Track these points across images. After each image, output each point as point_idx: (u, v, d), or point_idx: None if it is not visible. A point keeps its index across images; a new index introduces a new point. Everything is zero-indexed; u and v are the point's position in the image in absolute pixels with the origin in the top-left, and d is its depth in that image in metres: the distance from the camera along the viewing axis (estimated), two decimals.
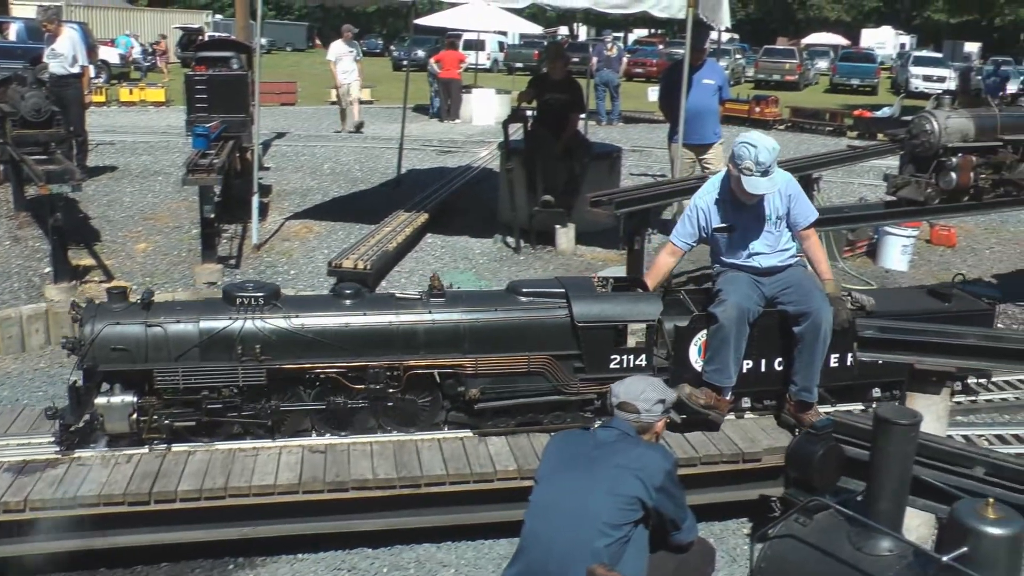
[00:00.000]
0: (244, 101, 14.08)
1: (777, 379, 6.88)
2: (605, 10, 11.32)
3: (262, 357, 6.07)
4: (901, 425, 2.94)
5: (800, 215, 6.74)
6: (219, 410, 6.12)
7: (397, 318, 6.30)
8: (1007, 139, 9.24)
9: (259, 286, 6.36)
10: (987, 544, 2.54)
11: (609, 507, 4.06)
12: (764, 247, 6.67)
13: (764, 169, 6.28)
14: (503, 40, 53.76)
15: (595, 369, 6.45)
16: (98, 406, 5.96)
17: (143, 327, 6.01)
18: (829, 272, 7.00)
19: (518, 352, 6.40)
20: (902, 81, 49.73)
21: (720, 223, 6.72)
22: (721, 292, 6.57)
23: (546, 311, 6.49)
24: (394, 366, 6.26)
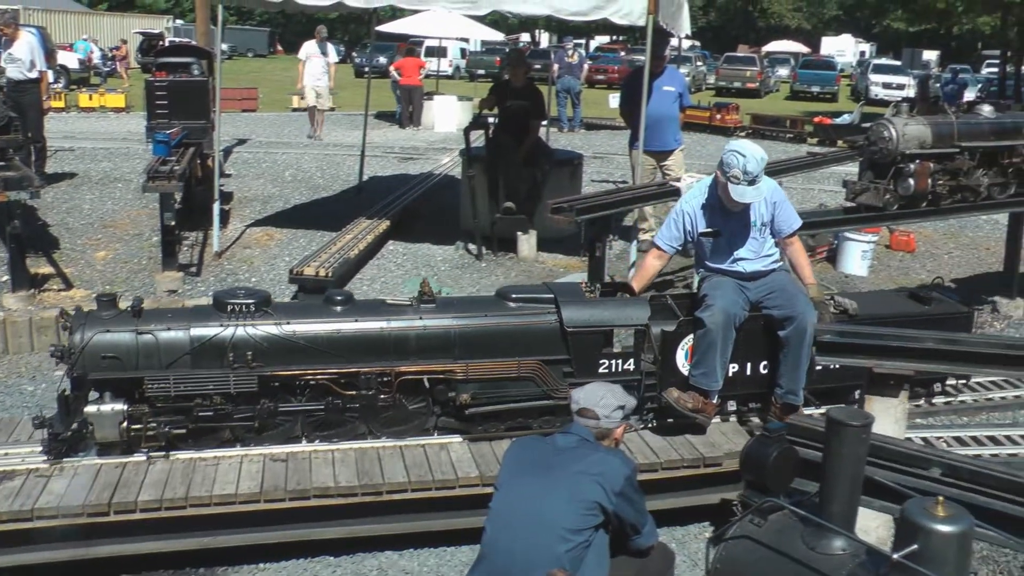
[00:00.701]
0: (205, 107, 14.01)
1: (763, 382, 6.98)
2: (566, 17, 11.34)
3: (254, 364, 6.07)
4: (853, 427, 2.99)
5: (785, 222, 6.89)
6: (211, 417, 6.11)
7: (388, 324, 6.34)
8: (964, 146, 9.35)
9: (250, 292, 6.37)
10: (937, 541, 2.59)
11: (569, 512, 4.09)
12: (749, 252, 6.78)
13: (752, 178, 6.39)
14: (465, 47, 53.84)
15: (584, 374, 6.47)
16: (88, 414, 5.91)
17: (134, 335, 6.00)
18: (812, 277, 7.14)
19: (508, 357, 6.45)
20: (862, 88, 50.23)
21: (706, 228, 6.82)
22: (707, 297, 6.65)
23: (535, 316, 6.56)
24: (385, 372, 6.29)
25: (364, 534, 5.94)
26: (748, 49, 64.76)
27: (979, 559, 6.13)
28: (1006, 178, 9.81)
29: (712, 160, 20.95)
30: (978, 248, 14.60)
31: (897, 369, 4.94)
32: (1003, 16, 35.66)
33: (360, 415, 6.36)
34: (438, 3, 11.31)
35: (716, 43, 78.40)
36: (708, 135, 27.86)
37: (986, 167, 9.65)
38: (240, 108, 29.63)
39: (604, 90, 39.37)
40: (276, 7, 12.85)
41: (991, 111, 9.98)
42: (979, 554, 6.17)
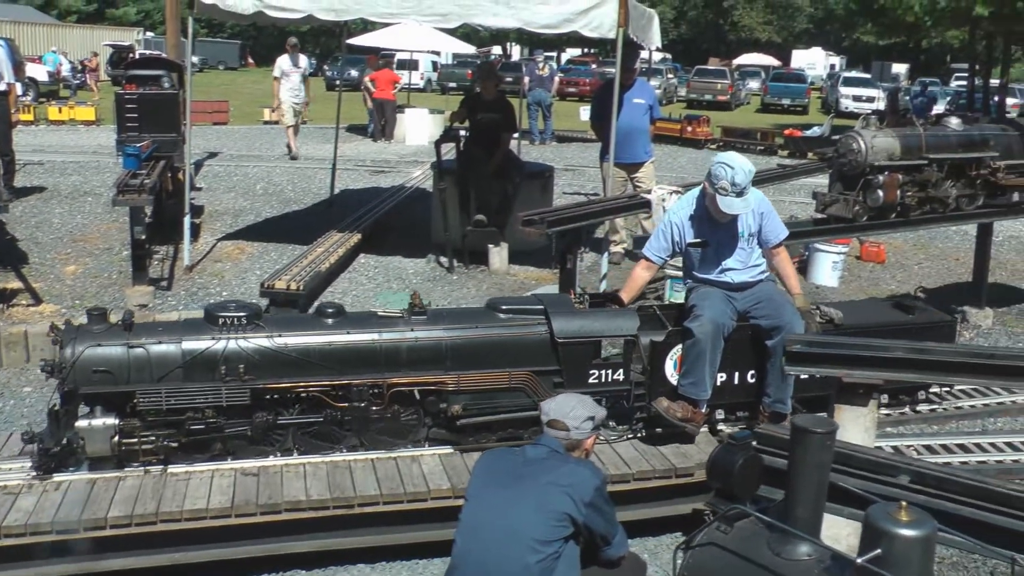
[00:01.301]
0: (175, 120, 13.95)
1: (750, 391, 7.05)
2: (536, 30, 11.39)
3: (246, 377, 6.06)
4: (817, 434, 3.02)
5: (772, 232, 6.97)
6: (203, 430, 6.09)
7: (380, 336, 6.35)
8: (932, 158, 9.42)
9: (241, 305, 6.35)
10: (900, 546, 2.62)
11: (539, 524, 4.09)
12: (737, 263, 6.86)
13: (740, 190, 6.48)
14: (437, 60, 53.90)
15: (574, 384, 6.51)
16: (79, 429, 5.88)
17: (125, 348, 5.97)
18: (799, 287, 7.23)
19: (499, 368, 6.47)
20: (832, 101, 50.62)
21: (694, 239, 6.89)
22: (696, 307, 6.70)
23: (526, 328, 6.59)
24: (377, 384, 6.29)
25: (336, 547, 5.92)
26: (719, 62, 65.13)
27: (949, 565, 6.18)
28: (974, 189, 9.89)
29: (682, 172, 21.11)
30: (947, 259, 14.73)
31: (866, 378, 4.97)
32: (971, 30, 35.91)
33: (352, 427, 6.36)
34: (409, 16, 11.33)
35: (687, 56, 78.79)
36: (679, 147, 28.00)
37: (954, 179, 9.72)
38: (211, 121, 29.57)
39: (575, 103, 39.58)
40: (247, 20, 12.82)
41: (959, 123, 10.07)
42: (949, 560, 6.22)
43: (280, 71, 21.63)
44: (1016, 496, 3.56)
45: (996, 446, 7.76)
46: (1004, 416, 8.67)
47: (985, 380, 6.62)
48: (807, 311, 7.01)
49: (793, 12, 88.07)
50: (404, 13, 11.22)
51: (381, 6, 11.03)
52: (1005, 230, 16.18)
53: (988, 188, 9.97)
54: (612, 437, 6.77)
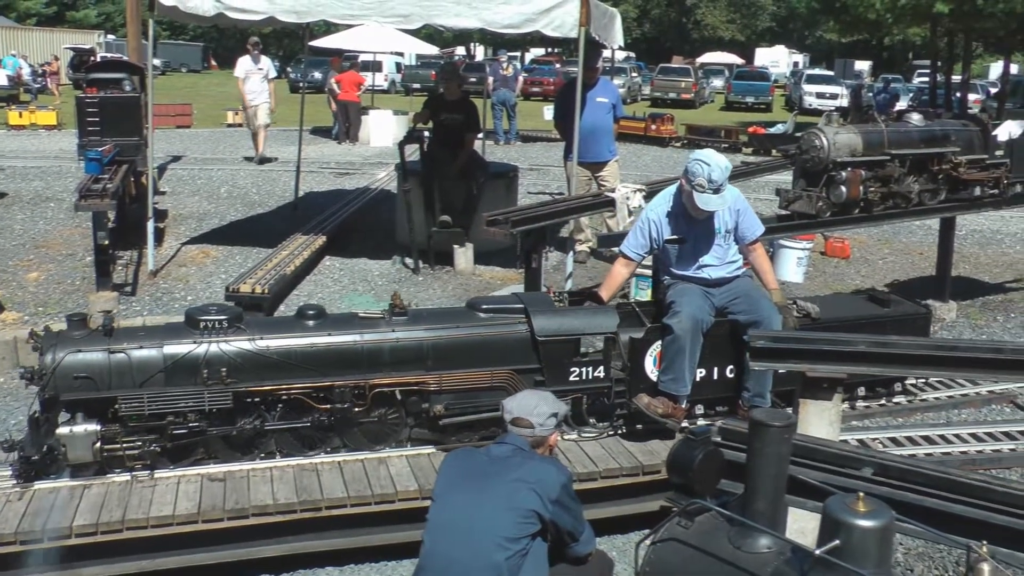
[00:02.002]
0: (137, 124, 13.85)
1: (729, 386, 7.13)
2: (498, 30, 11.39)
3: (228, 380, 6.06)
4: (775, 427, 3.04)
5: (748, 228, 7.06)
6: (185, 435, 6.07)
7: (361, 337, 6.37)
8: (894, 153, 9.49)
9: (222, 309, 6.38)
10: (858, 536, 2.64)
11: (506, 521, 4.10)
12: (714, 259, 6.94)
13: (716, 187, 6.55)
14: (400, 61, 53.82)
15: (555, 382, 6.59)
16: (60, 436, 5.85)
17: (106, 354, 5.96)
18: (775, 282, 7.32)
19: (480, 368, 6.52)
20: (796, 98, 50.91)
21: (671, 235, 6.96)
22: (674, 304, 6.76)
23: (507, 327, 6.65)
24: (360, 385, 6.30)
25: (304, 551, 5.92)
26: (683, 60, 65.38)
27: (916, 556, 6.23)
28: (936, 184, 9.98)
29: (647, 170, 21.16)
30: (911, 253, 14.82)
31: (830, 372, 5.00)
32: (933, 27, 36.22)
33: (334, 428, 6.37)
34: (371, 17, 11.30)
35: (651, 54, 78.97)
36: (643, 146, 28.07)
37: (917, 174, 9.81)
38: (174, 124, 29.41)
39: (539, 102, 39.61)
40: (208, 22, 12.76)
41: (920, 119, 10.15)
42: (915, 551, 6.27)
43: (243, 72, 21.30)
44: (979, 486, 3.59)
45: (960, 437, 7.82)
46: (968, 408, 8.74)
47: (948, 372, 6.70)
48: (784, 306, 7.09)
49: (756, 10, 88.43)
50: (365, 14, 11.20)
51: (342, 8, 11.00)
52: (968, 224, 16.31)
53: (950, 183, 10.06)
54: (593, 434, 6.81)
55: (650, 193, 10.40)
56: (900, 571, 6.07)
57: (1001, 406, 8.83)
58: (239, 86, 21.59)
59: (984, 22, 31.62)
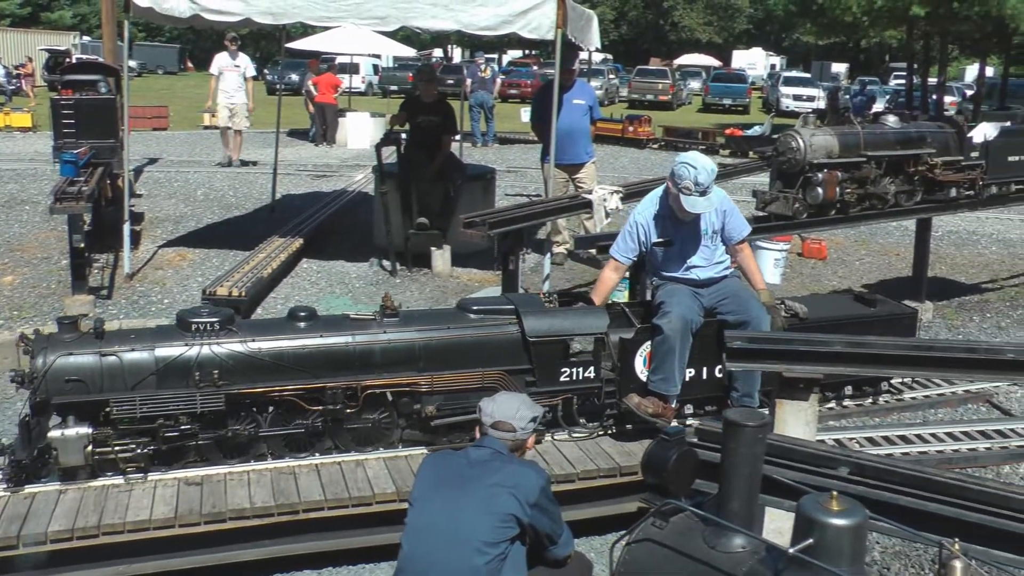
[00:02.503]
0: (113, 126, 13.78)
1: (718, 386, 7.18)
2: (475, 32, 11.40)
3: (220, 382, 6.04)
4: (750, 427, 3.06)
5: (735, 229, 7.13)
6: (177, 437, 6.05)
7: (353, 338, 6.36)
8: (870, 155, 9.54)
9: (213, 311, 6.36)
10: (831, 534, 2.66)
11: (485, 525, 4.09)
12: (702, 260, 7.00)
13: (703, 189, 6.62)
14: (378, 63, 53.76)
15: (546, 382, 6.65)
16: (52, 439, 5.81)
17: (97, 357, 5.94)
18: (763, 282, 7.38)
19: (472, 368, 6.53)
20: (773, 100, 51.07)
21: (659, 238, 7.02)
22: (664, 304, 6.80)
23: (497, 327, 6.67)
24: (351, 386, 6.30)
25: (281, 554, 5.88)
26: (660, 62, 65.58)
27: (892, 554, 6.25)
28: (912, 186, 10.03)
29: (624, 172, 21.20)
30: (888, 254, 14.90)
31: (806, 373, 5.02)
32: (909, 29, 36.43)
33: (326, 430, 6.37)
34: (347, 19, 11.30)
35: (628, 56, 79.10)
36: (621, 147, 28.14)
37: (893, 175, 9.86)
38: (151, 126, 29.32)
39: (517, 104, 39.60)
40: (184, 23, 12.71)
41: (896, 121, 10.21)
42: (892, 549, 6.29)
43: (218, 68, 20.65)
44: (954, 484, 3.61)
45: (937, 436, 7.85)
46: (945, 407, 8.78)
47: (924, 372, 6.74)
48: (772, 306, 7.15)
49: (733, 13, 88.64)
50: (342, 16, 11.19)
51: (319, 10, 10.99)
52: (944, 225, 16.41)
53: (926, 184, 10.12)
54: (584, 434, 6.83)
55: (627, 195, 10.43)
56: (877, 570, 6.09)
57: (977, 405, 8.88)
58: (211, 83, 20.94)
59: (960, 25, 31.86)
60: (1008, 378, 7.42)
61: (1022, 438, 7.87)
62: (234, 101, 20.61)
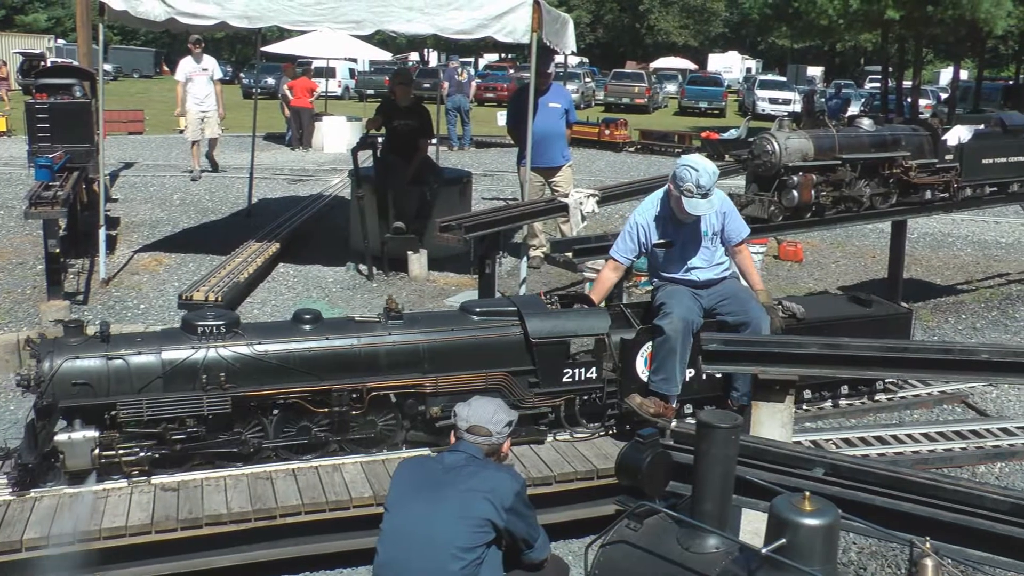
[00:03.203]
0: (88, 130, 13.72)
1: (718, 386, 7.25)
2: (451, 36, 11.40)
3: (227, 385, 6.05)
4: (722, 428, 3.08)
5: (734, 231, 7.19)
6: (184, 440, 6.06)
7: (359, 341, 6.39)
8: (845, 158, 9.58)
9: (219, 314, 6.37)
10: (804, 534, 2.69)
11: (461, 531, 4.10)
12: (702, 262, 7.05)
13: (705, 191, 6.64)
14: (354, 67, 53.68)
15: (549, 383, 6.70)
16: (59, 443, 5.79)
17: (104, 360, 5.94)
18: (761, 283, 7.45)
19: (475, 370, 6.56)
20: (749, 104, 51.20)
21: (659, 239, 7.07)
22: (664, 305, 6.86)
23: (501, 329, 6.71)
24: (357, 388, 6.32)
25: (259, 559, 5.86)
26: (636, 65, 65.62)
27: (869, 554, 6.28)
28: (887, 188, 10.08)
29: (601, 175, 21.23)
30: (864, 256, 14.97)
31: (782, 375, 5.04)
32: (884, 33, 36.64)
33: (331, 432, 6.38)
34: (323, 23, 11.28)
35: (604, 60, 79.27)
36: (597, 151, 28.17)
37: (868, 178, 9.90)
38: (126, 131, 29.18)
39: (493, 108, 39.58)
40: (160, 27, 12.66)
41: (871, 124, 10.26)
42: (869, 549, 6.32)
43: (184, 74, 19.38)
44: (928, 484, 3.63)
45: (913, 437, 7.90)
46: (920, 408, 8.82)
47: (899, 373, 6.77)
48: (770, 306, 7.25)
49: (709, 16, 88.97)
50: (318, 20, 11.19)
51: (294, 13, 10.97)
52: (919, 227, 16.50)
53: (901, 186, 10.16)
54: (586, 434, 6.88)
55: (604, 198, 10.45)
56: (854, 570, 6.12)
57: (953, 406, 8.93)
58: (178, 90, 19.72)
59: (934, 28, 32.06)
60: (983, 379, 7.47)
61: (997, 438, 7.93)
62: (205, 108, 19.54)
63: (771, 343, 5.30)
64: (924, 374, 6.66)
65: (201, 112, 19.48)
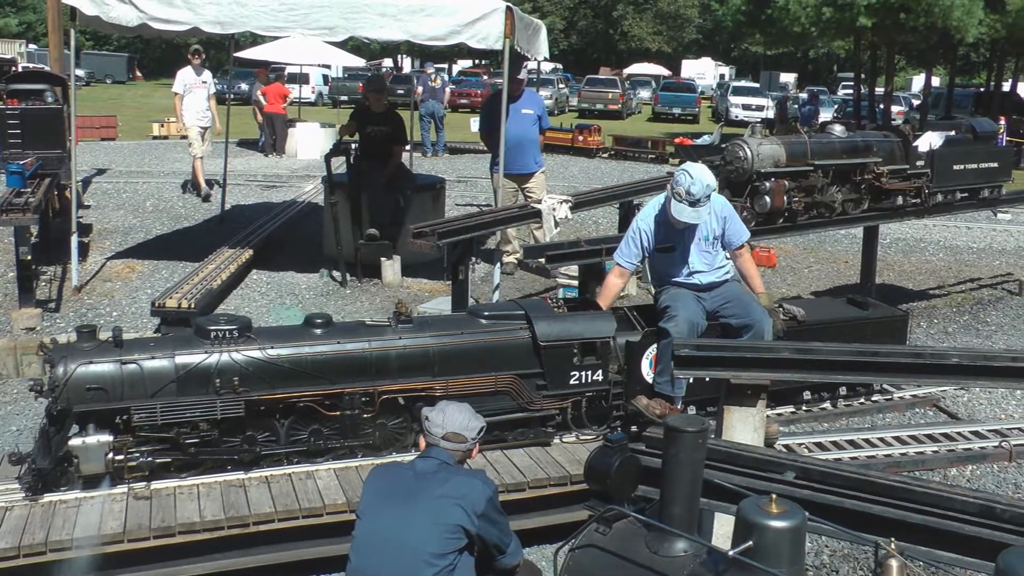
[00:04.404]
0: (60, 136, 13.63)
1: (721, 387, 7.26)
2: (424, 42, 11.40)
3: (240, 389, 6.10)
4: (689, 433, 3.10)
5: (734, 235, 7.25)
6: (197, 444, 6.10)
7: (369, 344, 6.47)
8: (817, 164, 9.64)
9: (231, 319, 6.43)
10: (771, 537, 2.71)
11: (433, 537, 4.10)
12: (703, 265, 7.13)
13: (694, 200, 6.70)
14: (327, 73, 53.58)
15: (557, 386, 6.79)
16: (73, 447, 5.84)
17: (118, 365, 5.99)
18: (762, 286, 7.54)
19: (485, 373, 6.66)
20: (722, 110, 51.37)
21: (660, 242, 7.14)
22: (669, 308, 6.92)
23: (510, 332, 6.81)
24: (368, 392, 6.40)
25: (233, 567, 5.85)
26: (610, 72, 65.78)
27: (841, 557, 6.31)
28: (859, 194, 10.14)
29: (574, 181, 21.27)
30: (836, 262, 15.04)
31: (753, 379, 5.06)
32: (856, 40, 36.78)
33: (342, 435, 6.44)
34: (295, 29, 11.26)
35: (578, 66, 79.46)
36: (571, 157, 28.20)
37: (840, 184, 9.96)
38: (99, 136, 29.03)
39: (467, 114, 39.58)
40: (132, 32, 12.59)
41: (843, 130, 10.33)
42: (841, 552, 6.35)
43: (183, 86, 17.93)
44: (898, 487, 3.66)
45: (885, 441, 7.94)
46: (893, 412, 8.88)
47: (871, 377, 6.82)
48: (771, 308, 7.36)
49: (682, 23, 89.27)
50: (290, 26, 11.16)
51: (267, 19, 10.95)
52: (892, 232, 16.60)
53: (873, 192, 10.23)
54: (593, 436, 6.93)
55: (577, 204, 10.48)
56: (826, 572, 6.15)
57: (925, 410, 8.99)
58: (176, 103, 18.33)
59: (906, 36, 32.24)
60: (953, 382, 7.52)
61: (968, 441, 7.99)
62: (205, 125, 18.23)
63: (743, 348, 5.33)
64: (895, 378, 6.70)
65: (202, 127, 18.21)
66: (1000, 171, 11.51)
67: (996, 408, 9.09)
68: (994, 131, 12.91)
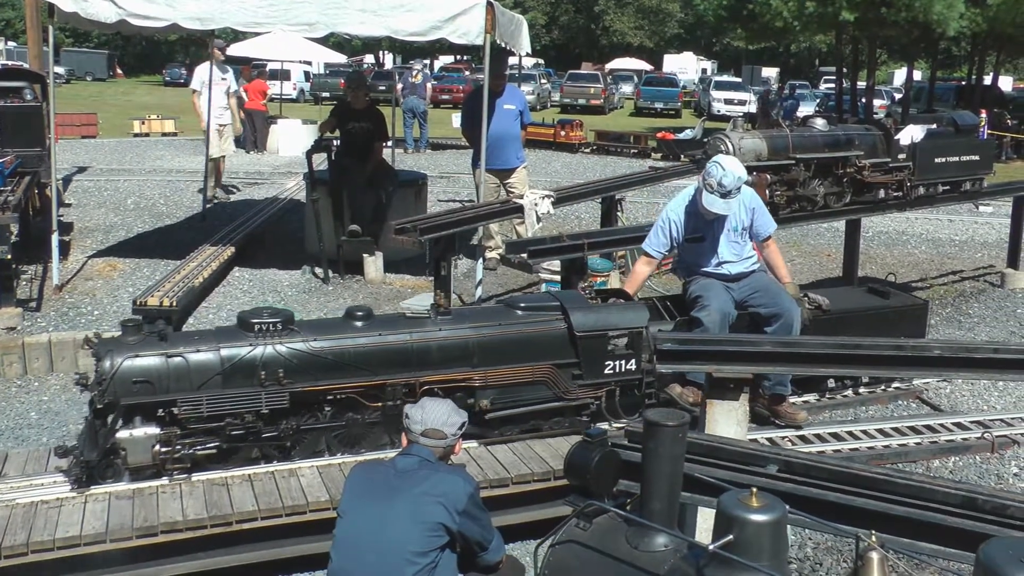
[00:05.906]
0: (40, 134, 13.59)
1: None
2: (405, 38, 11.38)
3: (285, 381, 6.18)
4: (669, 427, 3.10)
5: (762, 226, 7.47)
6: (242, 436, 6.19)
7: (411, 336, 6.56)
8: (799, 157, 9.66)
9: (274, 312, 6.52)
10: (751, 530, 2.70)
11: (414, 535, 4.09)
12: (732, 256, 7.32)
13: (724, 191, 6.88)
14: (309, 70, 53.46)
15: (592, 375, 6.91)
16: (120, 440, 5.92)
17: (164, 358, 6.06)
18: (789, 276, 7.72)
19: (523, 363, 6.77)
20: (704, 105, 51.48)
21: (690, 233, 7.33)
22: (701, 298, 7.13)
23: (546, 323, 6.91)
24: (410, 382, 6.48)
25: (216, 566, 5.83)
26: (592, 67, 65.80)
27: (824, 550, 6.31)
28: (841, 188, 10.17)
29: (557, 176, 21.26)
30: (820, 255, 15.08)
31: (736, 373, 5.07)
32: (838, 34, 36.79)
33: (385, 426, 6.53)
34: (275, 25, 11.22)
35: (560, 61, 79.45)
36: (553, 152, 28.19)
37: (822, 177, 9.98)
38: (79, 134, 28.87)
39: (449, 110, 39.56)
40: (111, 29, 12.51)
41: (824, 124, 10.37)
42: (824, 545, 6.35)
43: (201, 82, 17.42)
44: (880, 479, 3.66)
45: (868, 433, 7.93)
46: (875, 404, 8.88)
47: (852, 370, 6.85)
48: (798, 298, 7.50)
49: (664, 17, 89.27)
50: (270, 22, 11.12)
51: (246, 15, 10.91)
52: (874, 226, 16.63)
53: (855, 186, 10.27)
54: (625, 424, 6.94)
55: (559, 199, 10.47)
56: (809, 565, 6.15)
57: (907, 402, 8.99)
58: (194, 101, 17.94)
59: (888, 30, 32.26)
60: (936, 374, 7.53)
61: (951, 433, 7.99)
62: (224, 123, 17.89)
63: (725, 342, 5.34)
64: (877, 371, 6.72)
65: (220, 126, 17.72)
66: (981, 164, 11.56)
67: (978, 400, 9.10)
68: (975, 124, 12.96)
